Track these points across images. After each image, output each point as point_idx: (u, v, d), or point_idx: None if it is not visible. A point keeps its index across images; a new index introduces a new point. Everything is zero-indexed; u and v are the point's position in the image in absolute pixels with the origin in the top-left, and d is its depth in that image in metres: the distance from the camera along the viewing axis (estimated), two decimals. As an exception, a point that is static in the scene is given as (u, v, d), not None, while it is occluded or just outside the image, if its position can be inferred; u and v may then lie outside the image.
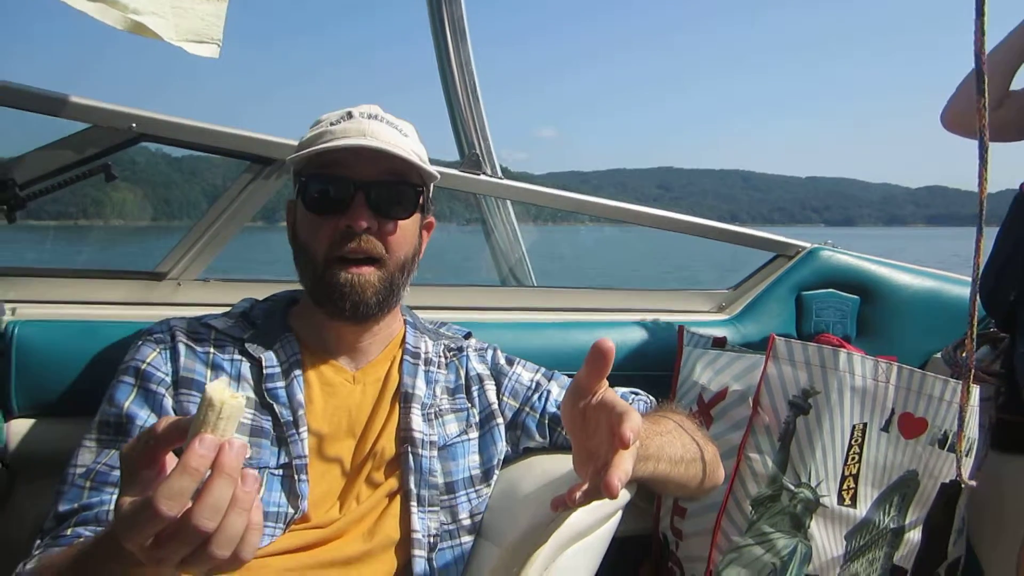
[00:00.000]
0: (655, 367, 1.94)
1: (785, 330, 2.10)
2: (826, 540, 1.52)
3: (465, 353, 1.45)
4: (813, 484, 1.53)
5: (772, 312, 2.12)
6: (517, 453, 1.42)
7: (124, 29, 1.35)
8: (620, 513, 1.32)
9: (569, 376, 1.40)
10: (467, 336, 1.51)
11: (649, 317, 2.12)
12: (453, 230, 2.73)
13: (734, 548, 1.55)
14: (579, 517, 1.21)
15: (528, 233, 2.54)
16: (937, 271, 2.20)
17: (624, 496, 1.29)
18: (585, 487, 0.90)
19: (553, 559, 1.19)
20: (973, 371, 1.83)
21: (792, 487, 1.54)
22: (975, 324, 1.43)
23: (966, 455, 1.53)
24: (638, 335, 2.02)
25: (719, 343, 1.90)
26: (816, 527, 1.52)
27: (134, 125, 1.64)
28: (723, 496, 1.58)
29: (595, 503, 0.99)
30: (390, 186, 1.26)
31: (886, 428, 1.55)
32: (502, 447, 1.38)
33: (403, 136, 1.30)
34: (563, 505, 0.90)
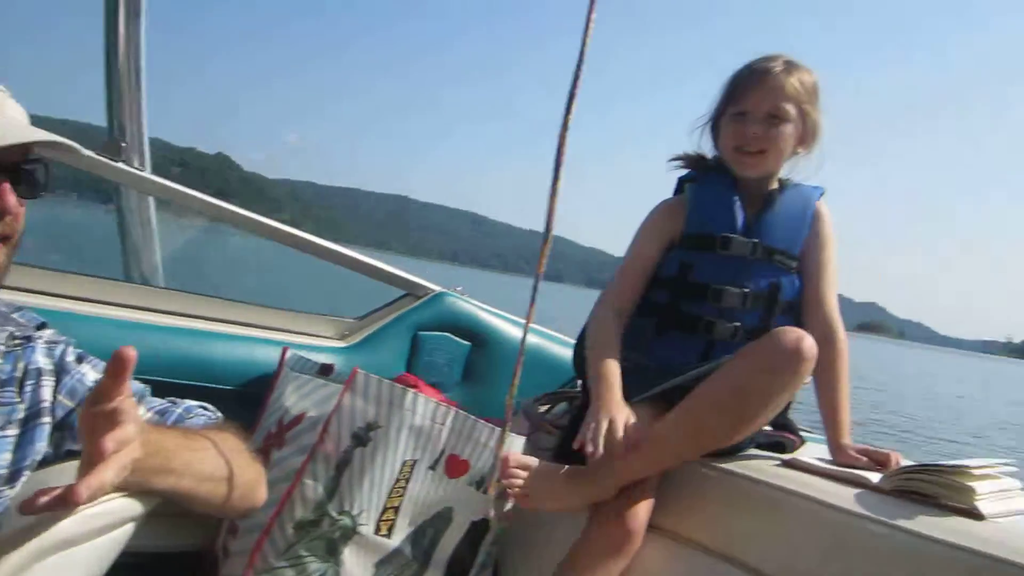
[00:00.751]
0: (255, 385, 1.95)
1: (397, 366, 2.20)
2: (355, 567, 1.60)
3: (32, 344, 1.34)
4: (355, 513, 1.62)
5: (389, 347, 2.22)
6: (59, 456, 1.33)
7: None
8: (132, 526, 1.28)
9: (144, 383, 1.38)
10: (41, 326, 1.40)
11: (269, 335, 2.12)
12: (97, 211, 2.54)
13: (268, 569, 1.58)
14: (70, 524, 1.16)
15: (187, 230, 2.43)
16: (544, 329, 2.42)
17: (134, 509, 1.25)
18: (55, 493, 0.87)
19: (29, 565, 1.13)
20: (541, 423, 2.06)
21: (335, 514, 1.61)
22: (519, 371, 1.56)
23: (498, 497, 1.70)
24: (248, 351, 2.01)
25: (326, 371, 1.95)
26: (349, 554, 1.60)
27: None
28: (270, 518, 1.61)
29: (91, 511, 0.97)
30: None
31: (434, 466, 1.69)
32: (42, 448, 1.30)
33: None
34: (27, 510, 0.87)
